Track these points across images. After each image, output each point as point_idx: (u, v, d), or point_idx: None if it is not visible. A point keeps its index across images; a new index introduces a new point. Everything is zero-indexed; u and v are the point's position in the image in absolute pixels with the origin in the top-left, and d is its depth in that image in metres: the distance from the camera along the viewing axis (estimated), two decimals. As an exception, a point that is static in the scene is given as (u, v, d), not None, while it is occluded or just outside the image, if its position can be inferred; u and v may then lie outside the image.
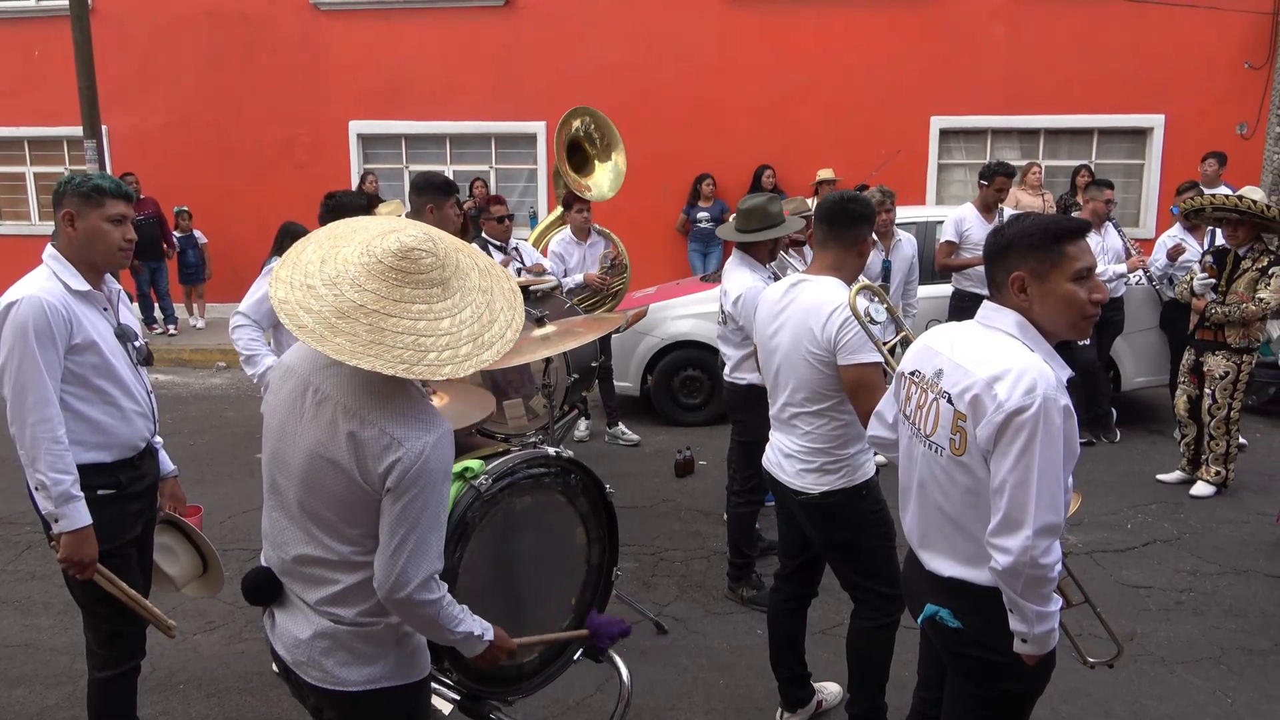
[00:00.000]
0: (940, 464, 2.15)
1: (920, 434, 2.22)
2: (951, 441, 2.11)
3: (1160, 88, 10.61)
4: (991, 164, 6.64)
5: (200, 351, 10.14)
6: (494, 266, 1.93)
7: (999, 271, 2.15)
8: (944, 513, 2.17)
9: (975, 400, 2.03)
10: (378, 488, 1.77)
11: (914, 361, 2.31)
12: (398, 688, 1.95)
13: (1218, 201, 5.59)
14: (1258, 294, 5.41)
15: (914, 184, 10.90)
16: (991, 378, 2.01)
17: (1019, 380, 1.97)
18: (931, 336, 2.31)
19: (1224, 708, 3.50)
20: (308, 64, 11.73)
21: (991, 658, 2.14)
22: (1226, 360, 5.55)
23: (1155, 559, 4.79)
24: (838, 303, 2.85)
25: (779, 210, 4.16)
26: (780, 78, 11.07)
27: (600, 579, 2.77)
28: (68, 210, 2.63)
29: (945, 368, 2.16)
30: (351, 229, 1.84)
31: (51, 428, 2.51)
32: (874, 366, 2.83)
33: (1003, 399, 1.97)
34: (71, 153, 12.15)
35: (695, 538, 5.13)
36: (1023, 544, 1.95)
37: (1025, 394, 1.95)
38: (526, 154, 11.91)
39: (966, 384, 2.06)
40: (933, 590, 2.22)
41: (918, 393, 2.25)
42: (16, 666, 3.82)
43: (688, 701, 3.55)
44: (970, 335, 2.19)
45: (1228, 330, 5.53)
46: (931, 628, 2.23)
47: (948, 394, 2.11)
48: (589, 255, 6.54)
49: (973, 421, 2.04)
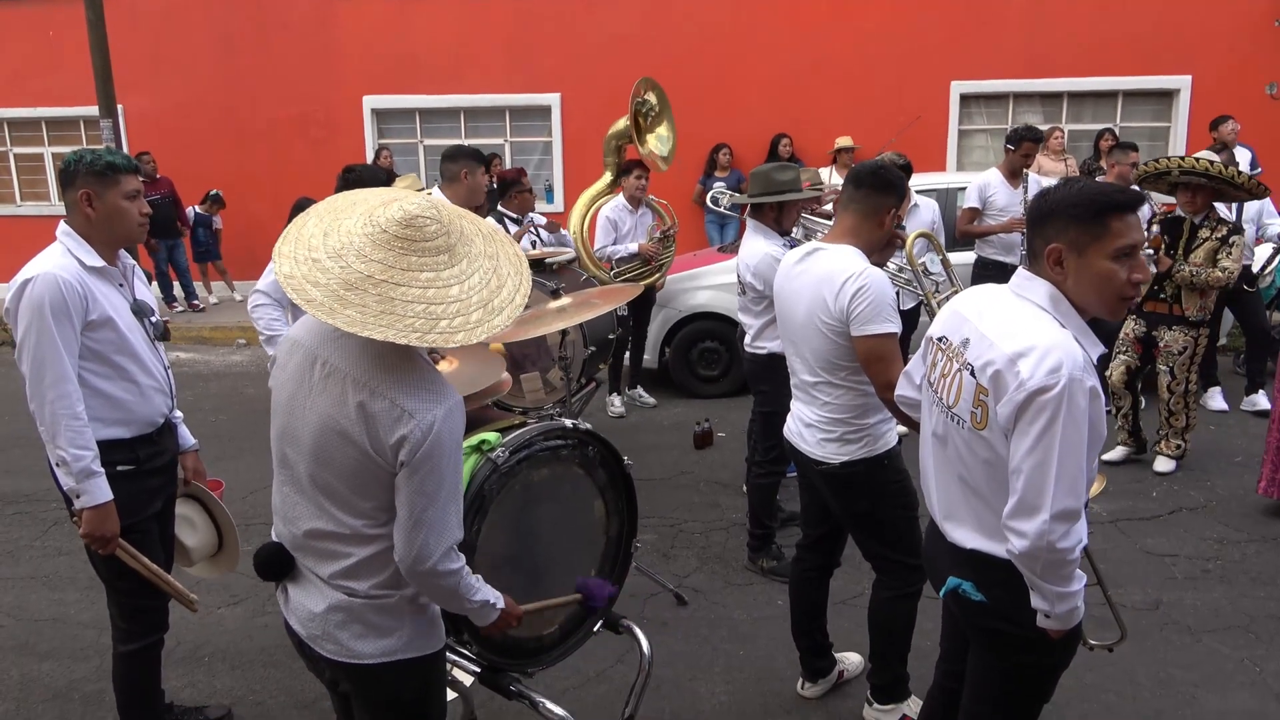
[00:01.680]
0: (962, 435, 2.10)
1: (942, 403, 2.17)
2: (973, 415, 2.05)
3: (1186, 48, 10.36)
4: (1019, 128, 6.51)
5: (220, 329, 10.20)
6: (497, 232, 1.91)
7: (1038, 239, 2.05)
8: (966, 483, 2.13)
9: (997, 376, 1.96)
10: (390, 460, 1.76)
11: (943, 327, 2.24)
12: (413, 660, 1.95)
13: (1186, 164, 5.14)
14: (1220, 263, 5.10)
15: (934, 150, 10.74)
16: (1015, 354, 1.93)
17: (1044, 358, 1.88)
18: (963, 301, 2.23)
19: (1251, 675, 3.46)
20: (320, 40, 11.67)
21: (1015, 631, 2.10)
22: (1184, 335, 5.26)
23: (1182, 527, 4.73)
24: (851, 271, 2.79)
25: (788, 178, 4.10)
26: (797, 45, 10.90)
27: (619, 551, 2.76)
28: (85, 191, 2.61)
29: (972, 337, 2.09)
30: (351, 201, 1.82)
31: (70, 404, 2.52)
32: (887, 338, 2.77)
33: (1025, 377, 1.89)
34: (89, 133, 12.18)
35: (714, 509, 5.12)
36: (1039, 529, 1.88)
37: (1049, 373, 1.86)
38: (541, 126, 11.83)
39: (989, 357, 1.99)
40: (954, 563, 2.19)
41: (943, 360, 2.19)
42: (45, 640, 3.87)
43: (708, 672, 3.55)
44: (1000, 304, 2.10)
45: (1185, 302, 5.21)
46: (954, 600, 2.19)
47: (971, 366, 2.05)
48: (640, 225, 6.55)
49: (994, 397, 1.97)
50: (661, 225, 6.62)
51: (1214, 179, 5.02)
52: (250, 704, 3.41)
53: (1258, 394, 6.57)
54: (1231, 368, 7.44)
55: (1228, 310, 6.72)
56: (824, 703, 3.34)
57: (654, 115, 6.53)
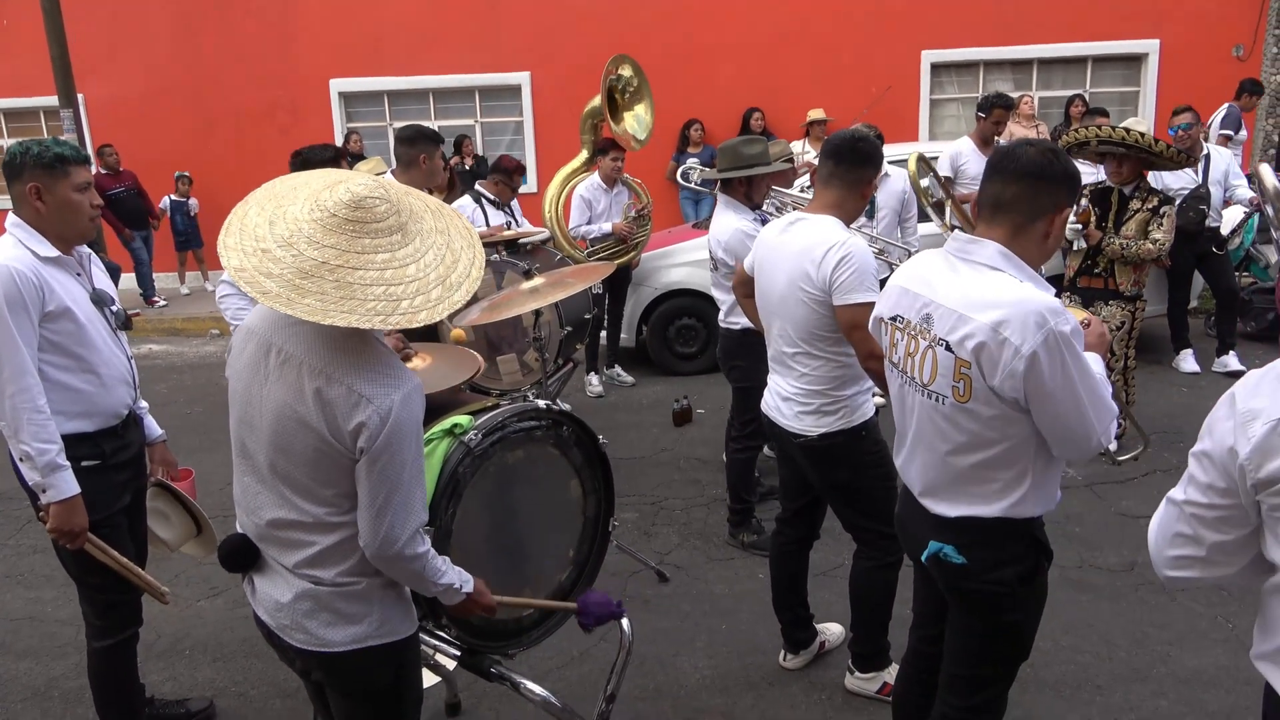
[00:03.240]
0: (943, 412, 2.10)
1: (915, 383, 2.17)
2: (955, 389, 2.05)
3: (1154, 11, 10.40)
4: (990, 96, 6.51)
5: (193, 320, 10.07)
6: (443, 206, 1.88)
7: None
8: (949, 462, 2.13)
9: (981, 348, 1.97)
10: (349, 446, 1.74)
11: (892, 305, 2.24)
12: (384, 646, 1.94)
13: (1104, 134, 4.93)
14: (1151, 234, 4.92)
15: (907, 120, 10.75)
16: (995, 323, 1.94)
17: (1026, 318, 1.91)
18: (905, 277, 2.23)
19: (1225, 632, 3.52)
20: (284, 22, 11.47)
21: (997, 590, 2.13)
22: (1121, 309, 5.02)
23: (1155, 489, 4.76)
24: (833, 241, 2.79)
25: (756, 151, 4.09)
26: (766, 17, 10.84)
27: (597, 531, 2.75)
28: (33, 184, 2.54)
29: (934, 313, 2.09)
30: (291, 186, 1.78)
31: (31, 397, 2.47)
32: (870, 307, 2.77)
33: (1018, 343, 1.91)
34: (49, 123, 11.94)
35: (695, 485, 5.13)
36: (1095, 445, 2.02)
37: (1038, 329, 1.91)
38: (511, 106, 11.72)
39: (966, 330, 1.99)
40: (934, 528, 2.20)
41: (904, 339, 2.19)
42: (22, 639, 3.83)
43: (691, 647, 3.56)
44: (950, 273, 2.10)
45: (1119, 276, 4.99)
46: (935, 565, 2.21)
47: (945, 341, 2.05)
48: (615, 204, 6.51)
49: (983, 369, 1.98)
50: (638, 204, 6.58)
51: (1133, 148, 4.84)
52: (232, 695, 3.39)
53: (1228, 355, 6.65)
54: (1203, 330, 7.52)
55: (1197, 273, 6.79)
56: (806, 673, 3.37)
57: (632, 92, 6.46)
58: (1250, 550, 1.52)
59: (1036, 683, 3.22)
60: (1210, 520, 1.52)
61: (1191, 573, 1.59)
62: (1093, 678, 3.27)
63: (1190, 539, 1.56)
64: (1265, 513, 1.44)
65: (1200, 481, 1.52)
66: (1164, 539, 1.61)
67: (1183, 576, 1.61)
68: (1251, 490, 1.43)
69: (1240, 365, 6.46)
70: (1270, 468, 1.39)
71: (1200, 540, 1.55)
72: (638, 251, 6.68)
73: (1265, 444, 1.40)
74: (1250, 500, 1.45)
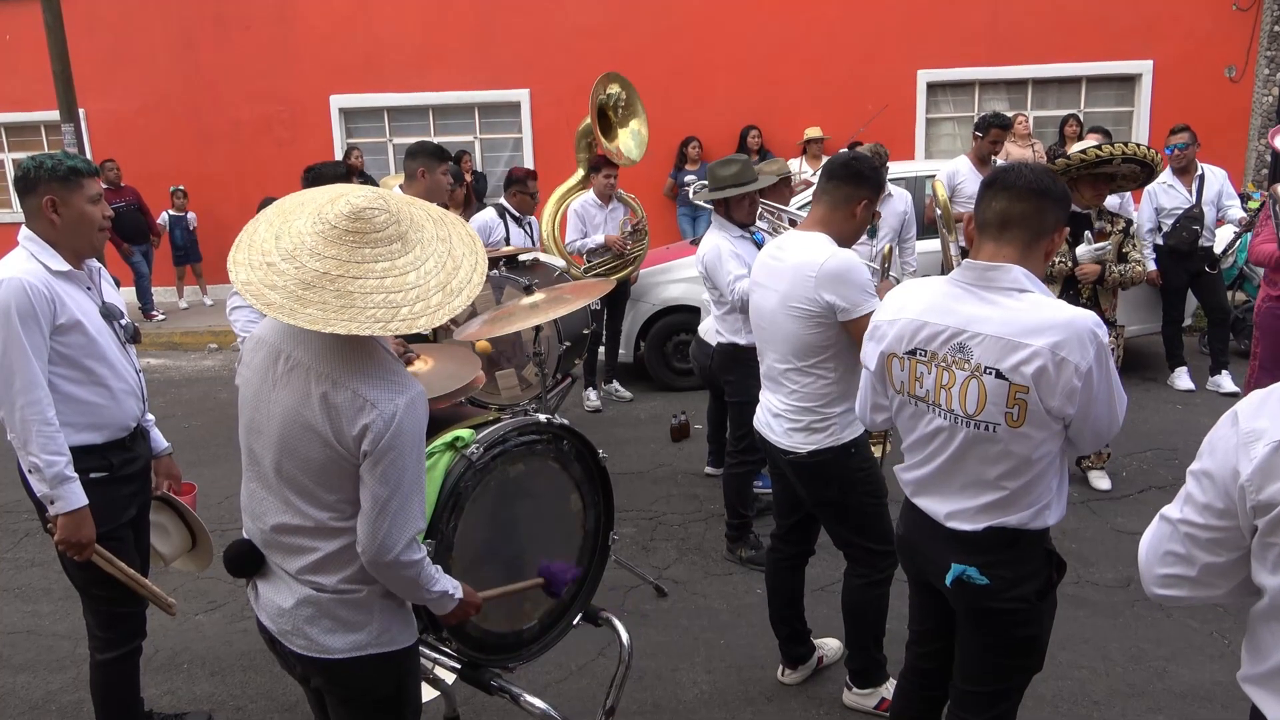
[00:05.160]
0: (995, 440, 2.09)
1: (953, 414, 2.13)
2: (1008, 415, 2.05)
3: (1147, 32, 10.50)
4: (987, 116, 6.57)
5: (191, 334, 10.08)
6: (445, 214, 1.92)
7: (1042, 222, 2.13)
8: (996, 484, 2.13)
9: (1042, 371, 1.99)
10: (353, 450, 1.78)
11: (907, 340, 2.20)
12: (382, 654, 1.96)
13: (1130, 151, 4.53)
14: (1130, 255, 4.76)
15: (903, 139, 10.81)
16: (1053, 345, 1.98)
17: (1079, 336, 1.98)
18: (915, 308, 2.20)
19: (1220, 648, 3.53)
20: (283, 38, 11.54)
21: (1018, 606, 2.16)
22: (1113, 338, 4.80)
23: (1151, 506, 4.80)
24: (822, 259, 2.81)
25: (729, 173, 4.19)
26: (763, 36, 10.93)
27: (597, 544, 2.77)
28: (50, 197, 2.58)
29: (969, 343, 2.07)
30: (299, 202, 1.83)
31: (41, 409, 2.49)
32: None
33: (1078, 360, 1.97)
34: (50, 138, 11.99)
35: (693, 501, 5.14)
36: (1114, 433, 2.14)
37: (1090, 344, 1.99)
38: (510, 123, 11.78)
39: (1021, 356, 2.00)
40: (958, 549, 2.19)
41: (934, 372, 2.15)
42: (20, 653, 3.82)
43: (689, 662, 3.57)
44: (980, 301, 2.09)
45: (1102, 302, 4.77)
46: (958, 588, 2.20)
47: (994, 369, 2.04)
48: (610, 220, 6.56)
49: (1041, 392, 2.01)
50: (633, 219, 6.63)
51: (1146, 165, 4.61)
52: (230, 709, 3.39)
53: (1221, 375, 6.68)
54: (1197, 347, 7.56)
55: (1191, 292, 6.83)
56: (804, 688, 3.38)
57: (625, 108, 6.52)
58: (1241, 573, 1.51)
59: (1034, 698, 3.22)
60: (1204, 541, 1.51)
61: (1180, 591, 1.58)
62: (1090, 693, 3.29)
63: (1182, 558, 1.55)
64: (1257, 538, 1.43)
65: (1198, 501, 1.51)
66: (1155, 556, 1.60)
67: (1171, 595, 1.60)
68: (1251, 513, 1.42)
69: (1234, 387, 6.49)
70: (1271, 490, 1.38)
71: (1192, 560, 1.54)
72: (635, 266, 6.72)
73: (1267, 465, 1.38)
74: (1248, 523, 1.43)
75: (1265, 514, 1.40)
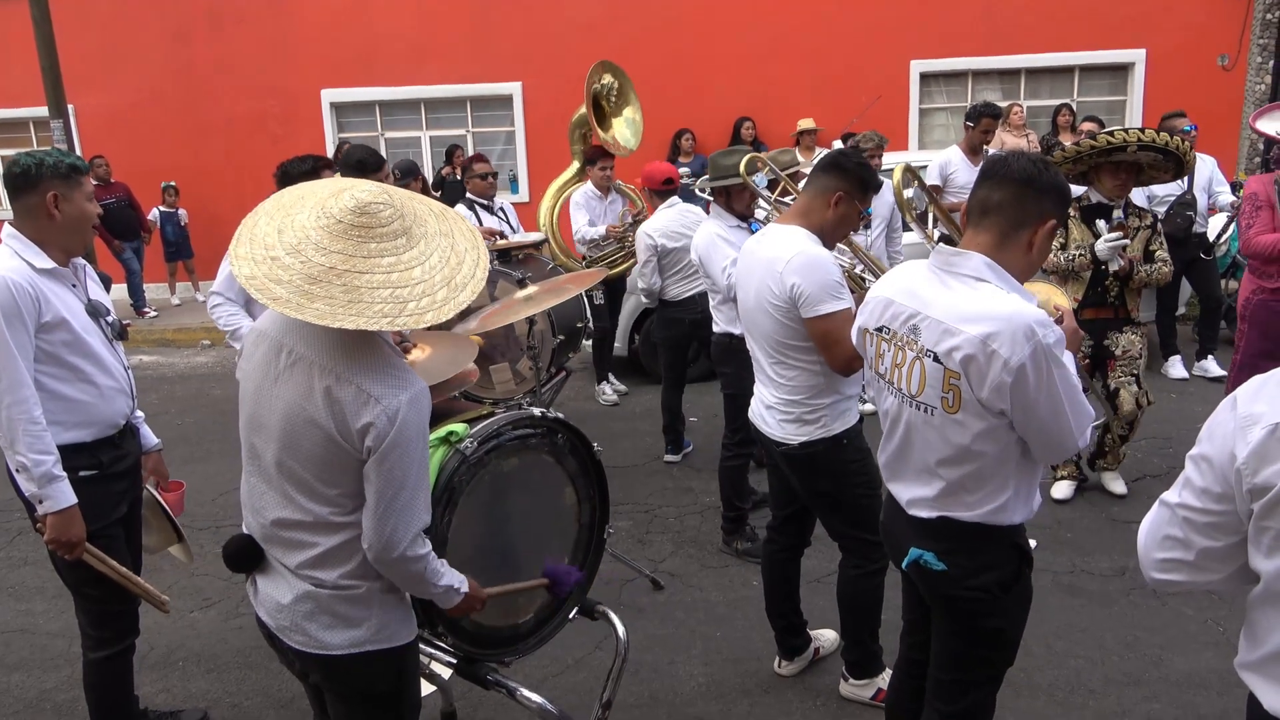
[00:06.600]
0: (933, 424, 2.12)
1: (903, 394, 2.18)
2: (944, 400, 2.07)
3: (1140, 21, 10.49)
4: (977, 105, 6.57)
5: (184, 330, 10.04)
6: (447, 210, 1.91)
7: None
8: (938, 471, 2.15)
9: (969, 360, 1.99)
10: (357, 445, 1.77)
11: (877, 316, 2.25)
12: (382, 651, 1.96)
13: (1147, 139, 4.15)
14: (1156, 254, 4.50)
15: (896, 129, 10.78)
16: (984, 335, 1.96)
17: (1015, 331, 1.94)
18: (889, 288, 2.24)
19: (1215, 635, 3.54)
20: (276, 32, 11.47)
21: (978, 596, 2.15)
22: (1139, 337, 4.57)
23: (1146, 494, 4.81)
24: (791, 254, 2.80)
25: (730, 163, 4.18)
26: (756, 27, 10.90)
27: (592, 538, 2.76)
28: (53, 193, 2.57)
29: (920, 324, 2.10)
30: (299, 195, 1.82)
31: (27, 408, 2.48)
32: (836, 316, 2.76)
33: (1007, 355, 1.94)
34: (39, 134, 11.91)
35: (688, 494, 5.14)
36: (1073, 449, 2.08)
37: (1026, 341, 1.93)
38: (503, 116, 11.74)
39: (954, 343, 2.01)
40: (916, 534, 2.22)
41: (891, 350, 2.21)
42: (14, 652, 3.81)
43: (686, 655, 3.57)
44: (939, 285, 2.11)
45: (1128, 302, 4.52)
46: (916, 572, 2.23)
47: (932, 352, 2.06)
48: (610, 212, 6.56)
49: (971, 380, 2.01)
50: (633, 209, 6.62)
51: (1170, 154, 4.19)
52: (226, 706, 3.38)
53: (1207, 359, 6.75)
54: (1191, 336, 7.58)
55: (1185, 279, 6.85)
56: (801, 680, 3.38)
57: (618, 97, 6.50)
58: (1238, 558, 1.51)
59: (1030, 687, 3.24)
60: (1202, 525, 1.52)
61: (1178, 576, 1.59)
62: (1086, 682, 3.29)
63: (1180, 542, 1.56)
64: (1253, 521, 1.44)
65: (1196, 485, 1.52)
66: (1153, 541, 1.61)
67: (1169, 579, 1.60)
68: (1247, 496, 1.42)
69: (1220, 370, 6.52)
70: (1266, 473, 1.39)
71: (1190, 544, 1.55)
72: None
73: (1262, 449, 1.39)
74: (1245, 507, 1.44)
75: (1260, 497, 1.40)
